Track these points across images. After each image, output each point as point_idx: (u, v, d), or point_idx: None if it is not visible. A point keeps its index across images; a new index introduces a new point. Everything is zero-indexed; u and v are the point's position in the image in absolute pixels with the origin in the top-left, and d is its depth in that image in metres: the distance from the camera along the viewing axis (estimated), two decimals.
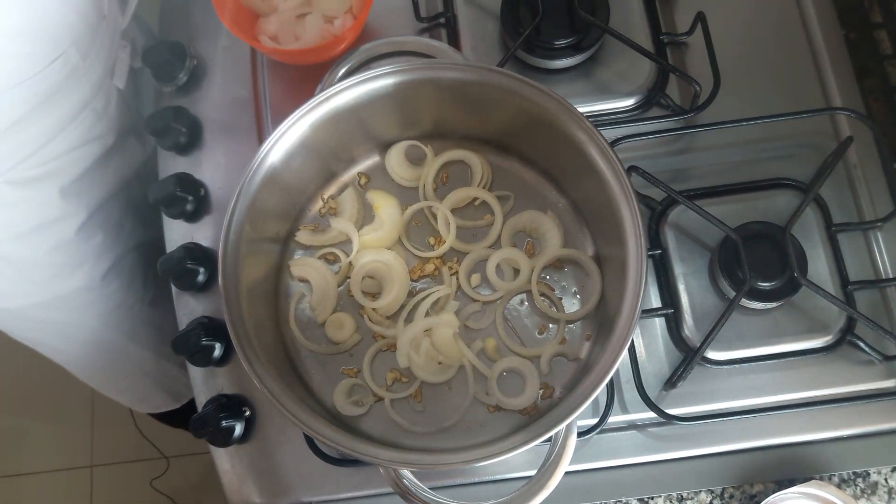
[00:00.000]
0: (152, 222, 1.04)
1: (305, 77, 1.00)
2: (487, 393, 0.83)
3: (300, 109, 0.78)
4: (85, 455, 2.06)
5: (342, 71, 0.84)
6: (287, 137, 0.78)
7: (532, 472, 0.74)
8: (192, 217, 0.97)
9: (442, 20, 1.01)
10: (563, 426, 0.69)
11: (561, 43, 0.95)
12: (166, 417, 1.53)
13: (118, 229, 1.11)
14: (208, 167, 0.99)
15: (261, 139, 0.99)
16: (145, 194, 0.95)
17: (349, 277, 0.87)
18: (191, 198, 0.95)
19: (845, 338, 0.87)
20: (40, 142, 0.92)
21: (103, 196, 1.07)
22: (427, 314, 0.86)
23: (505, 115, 0.84)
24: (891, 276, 0.89)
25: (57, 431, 2.07)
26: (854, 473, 0.85)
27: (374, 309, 0.86)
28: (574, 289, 0.87)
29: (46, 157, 0.94)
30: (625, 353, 0.70)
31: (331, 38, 0.96)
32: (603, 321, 0.83)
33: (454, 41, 1.00)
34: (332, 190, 0.91)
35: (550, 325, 0.86)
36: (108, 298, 1.14)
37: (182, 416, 1.42)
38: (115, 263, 1.12)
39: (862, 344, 0.86)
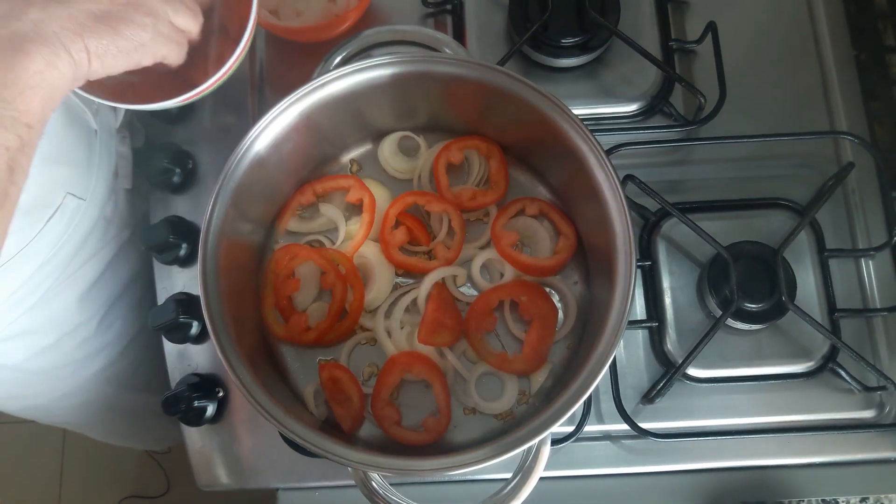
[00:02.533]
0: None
1: (304, 54, 0.98)
2: (465, 394, 0.83)
3: (294, 94, 0.76)
4: None
5: (340, 57, 0.81)
6: (279, 122, 0.76)
7: (504, 475, 0.73)
8: (179, 189, 0.95)
9: (448, 7, 0.99)
10: (537, 441, 0.68)
11: (568, 42, 0.93)
12: None
13: (137, 309, 1.09)
14: (197, 139, 0.97)
15: (254, 114, 0.97)
16: None
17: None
18: (178, 170, 0.93)
19: (827, 365, 0.86)
20: (60, 268, 0.90)
21: (120, 288, 1.04)
22: (407, 310, 0.85)
23: (503, 114, 0.82)
24: (878, 307, 0.89)
25: None
26: (823, 501, 0.85)
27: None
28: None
29: (65, 275, 0.92)
30: (605, 371, 0.69)
31: (333, 17, 0.93)
32: (586, 333, 0.82)
33: (459, 30, 0.98)
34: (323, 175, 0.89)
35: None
36: (126, 367, 1.13)
37: None
38: (133, 338, 1.11)
39: (843, 373, 0.86)
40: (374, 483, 0.71)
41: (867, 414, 0.86)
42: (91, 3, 0.57)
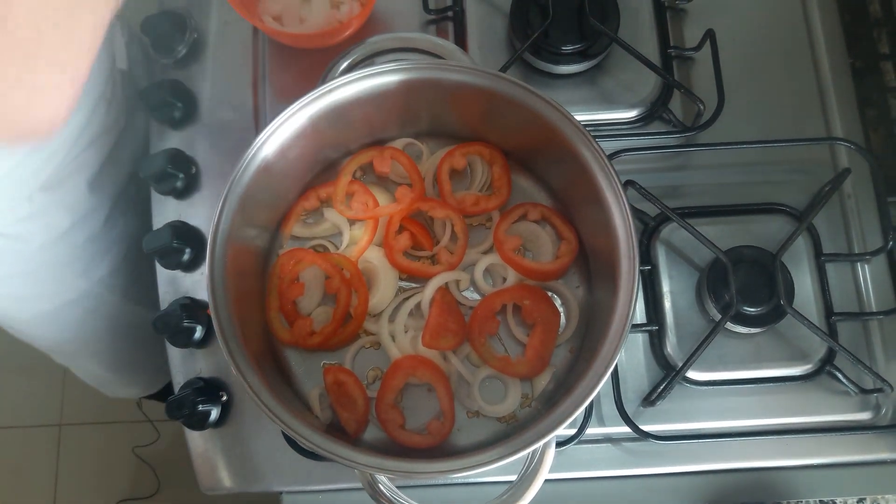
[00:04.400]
0: None
1: (307, 61, 0.99)
2: (469, 397, 0.83)
3: (301, 100, 0.77)
4: (54, 413, 2.05)
5: (346, 63, 0.82)
6: (286, 127, 0.77)
7: (508, 477, 0.74)
8: (182, 195, 0.96)
9: (450, 14, 1.00)
10: (541, 444, 0.69)
11: (568, 49, 0.94)
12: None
13: (135, 212, 1.12)
14: (201, 145, 0.97)
15: (257, 120, 0.97)
16: None
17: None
18: (181, 175, 0.94)
19: (824, 368, 0.88)
20: (67, 145, 0.92)
21: (123, 181, 1.07)
22: (411, 314, 0.85)
23: (506, 120, 0.83)
24: (874, 310, 0.90)
25: (29, 387, 2.05)
26: (821, 502, 0.86)
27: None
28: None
29: (73, 155, 0.94)
30: (608, 376, 0.70)
31: (336, 23, 0.94)
32: (588, 337, 0.83)
33: (461, 36, 0.99)
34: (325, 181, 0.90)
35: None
36: (128, 275, 1.16)
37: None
38: (131, 245, 1.13)
39: (840, 375, 0.87)
40: (381, 485, 0.72)
41: (864, 416, 0.88)
42: None
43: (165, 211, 0.96)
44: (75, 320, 1.15)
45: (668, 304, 0.90)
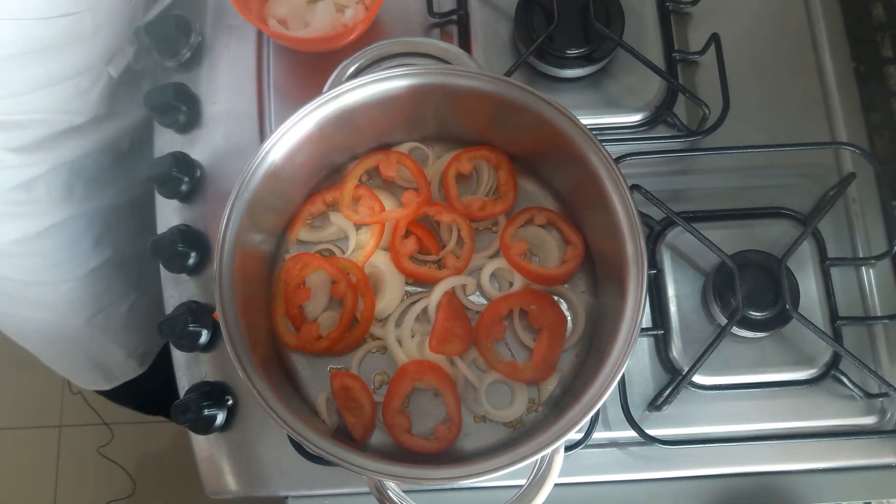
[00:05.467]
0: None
1: (311, 64, 0.99)
2: (475, 402, 0.83)
3: (309, 105, 0.77)
4: (55, 414, 2.04)
5: (353, 68, 0.82)
6: (293, 132, 0.77)
7: (516, 482, 0.74)
8: (186, 198, 0.95)
9: (454, 17, 1.00)
10: (549, 450, 0.69)
11: (573, 52, 0.94)
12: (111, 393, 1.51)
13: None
14: (205, 148, 0.97)
15: (261, 124, 0.97)
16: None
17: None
18: (186, 179, 0.94)
19: (830, 372, 0.88)
20: (24, 87, 0.90)
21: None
22: (417, 319, 0.85)
23: (512, 124, 0.83)
24: (879, 315, 0.90)
25: (29, 388, 2.05)
26: None
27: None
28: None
29: (27, 107, 0.93)
30: (617, 382, 0.70)
31: (341, 27, 0.94)
32: (595, 341, 0.83)
33: (465, 40, 0.99)
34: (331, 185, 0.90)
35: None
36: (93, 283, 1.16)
37: (122, 393, 1.41)
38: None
39: (845, 380, 0.87)
40: (389, 491, 0.72)
41: (869, 420, 0.88)
42: None
43: (170, 215, 0.96)
44: (86, 286, 1.16)
45: (673, 308, 0.90)
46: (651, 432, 0.85)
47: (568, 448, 0.84)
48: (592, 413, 0.70)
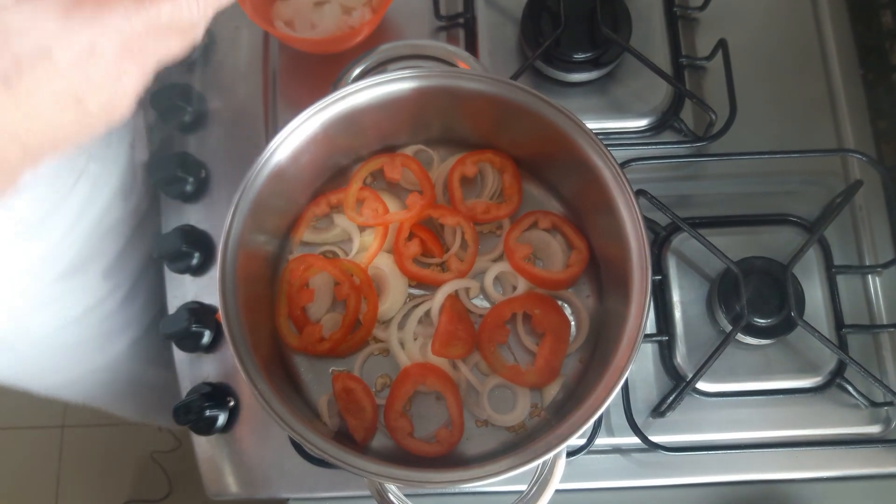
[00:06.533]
0: None
1: (317, 66, 0.99)
2: (478, 406, 0.83)
3: (314, 106, 0.76)
4: (57, 415, 2.04)
5: (359, 69, 0.82)
6: (298, 133, 0.77)
7: (517, 487, 0.74)
8: (191, 198, 0.95)
9: (461, 20, 1.00)
10: (551, 455, 0.68)
11: (580, 57, 0.94)
12: None
13: (160, 283, 1.08)
14: (210, 148, 0.97)
15: (267, 125, 0.97)
16: None
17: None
18: (191, 178, 0.94)
19: (834, 380, 0.87)
20: (83, 236, 0.91)
21: (144, 262, 1.05)
22: (420, 322, 0.85)
23: (517, 128, 0.82)
24: (885, 323, 0.90)
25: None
26: None
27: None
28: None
29: (89, 245, 0.93)
30: (620, 387, 0.70)
31: (347, 29, 0.94)
32: (598, 346, 0.83)
33: (471, 43, 0.99)
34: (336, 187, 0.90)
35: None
36: (153, 342, 1.13)
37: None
38: (158, 313, 1.09)
39: (850, 388, 0.86)
40: (390, 494, 0.71)
41: (874, 429, 0.87)
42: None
43: (174, 215, 0.95)
44: (94, 386, 1.13)
45: (678, 314, 0.89)
46: (654, 439, 0.84)
47: (570, 453, 0.84)
48: (595, 418, 0.69)
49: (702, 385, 0.87)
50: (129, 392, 1.20)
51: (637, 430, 0.84)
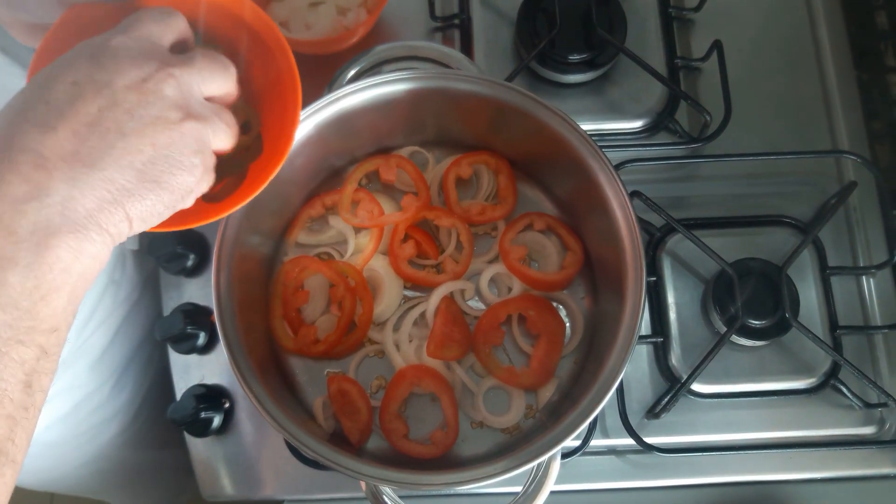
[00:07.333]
0: None
1: (312, 67, 0.97)
2: (473, 408, 0.83)
3: (308, 108, 0.76)
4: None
5: (353, 71, 0.82)
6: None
7: (512, 488, 0.74)
8: None
9: (456, 21, 1.00)
10: (546, 457, 0.68)
11: (575, 58, 0.94)
12: None
13: (147, 368, 1.07)
14: None
15: None
16: None
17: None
18: None
19: (829, 381, 0.87)
20: (73, 333, 0.86)
21: (131, 351, 1.03)
22: (415, 323, 0.85)
23: (512, 129, 0.82)
24: (879, 324, 0.90)
25: None
26: None
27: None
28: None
29: (76, 344, 0.91)
30: (615, 389, 0.70)
31: (342, 30, 0.94)
32: (593, 348, 0.83)
33: (467, 44, 0.99)
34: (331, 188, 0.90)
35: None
36: (141, 427, 1.12)
37: None
38: (145, 397, 1.09)
39: (844, 389, 0.87)
40: (384, 496, 0.71)
41: (868, 430, 0.87)
42: (130, 154, 0.46)
43: None
44: (83, 478, 1.10)
45: (673, 315, 0.90)
46: (649, 440, 0.84)
47: (565, 455, 0.84)
48: (590, 420, 0.69)
49: (696, 386, 0.87)
50: (121, 479, 1.19)
51: (632, 432, 0.84)
